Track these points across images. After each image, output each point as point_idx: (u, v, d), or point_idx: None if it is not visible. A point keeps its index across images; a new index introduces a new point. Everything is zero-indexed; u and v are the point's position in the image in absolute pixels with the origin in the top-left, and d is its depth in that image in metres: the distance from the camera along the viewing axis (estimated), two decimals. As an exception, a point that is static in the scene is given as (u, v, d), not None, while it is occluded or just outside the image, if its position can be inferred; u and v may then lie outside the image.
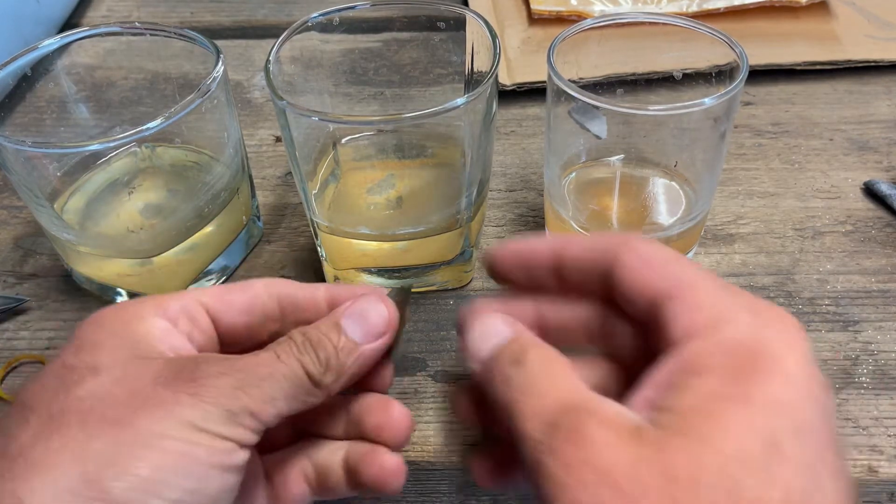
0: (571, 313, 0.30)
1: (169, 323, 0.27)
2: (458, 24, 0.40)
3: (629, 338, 0.28)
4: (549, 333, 0.30)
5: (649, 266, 0.26)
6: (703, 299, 0.25)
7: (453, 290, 0.42)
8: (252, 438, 0.25)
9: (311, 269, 0.44)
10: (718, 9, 0.59)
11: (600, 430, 0.22)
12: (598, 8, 0.59)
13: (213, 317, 0.29)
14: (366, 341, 0.27)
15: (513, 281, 0.31)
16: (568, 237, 0.29)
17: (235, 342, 0.30)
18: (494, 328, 0.28)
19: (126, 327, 0.26)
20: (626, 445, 0.21)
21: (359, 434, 0.30)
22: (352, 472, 0.29)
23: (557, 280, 0.29)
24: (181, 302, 0.28)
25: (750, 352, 0.22)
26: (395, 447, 0.29)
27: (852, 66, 0.55)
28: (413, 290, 0.42)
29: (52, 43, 0.41)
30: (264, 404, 0.24)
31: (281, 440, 0.31)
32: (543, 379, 0.25)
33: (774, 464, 0.20)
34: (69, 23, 0.65)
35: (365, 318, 0.27)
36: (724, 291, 0.25)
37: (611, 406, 0.23)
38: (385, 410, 0.29)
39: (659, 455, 0.21)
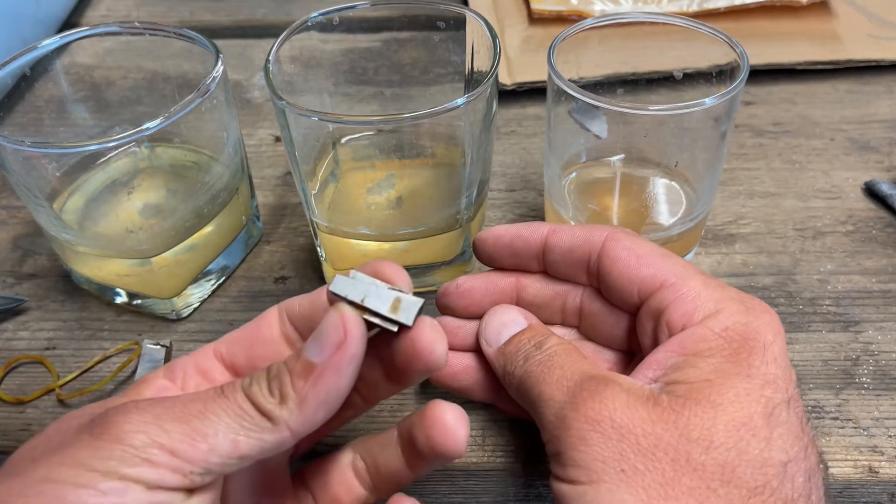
0: (551, 293, 0.32)
1: (170, 382, 0.26)
2: (458, 24, 0.40)
3: (606, 321, 0.31)
4: (527, 309, 0.32)
5: (638, 258, 0.28)
6: (695, 290, 0.27)
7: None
8: (176, 480, 0.22)
9: (310, 269, 0.44)
10: (719, 8, 0.58)
11: (620, 393, 0.24)
12: (598, 7, 0.59)
13: (230, 361, 0.28)
14: (324, 357, 0.23)
15: (499, 263, 0.33)
16: (555, 226, 0.31)
17: None
18: (511, 318, 0.31)
19: (137, 390, 0.26)
20: (644, 408, 0.24)
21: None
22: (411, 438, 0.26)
23: (542, 265, 0.32)
24: (194, 359, 0.27)
25: (743, 337, 0.25)
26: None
27: (853, 65, 0.55)
28: (419, 290, 0.41)
29: (52, 43, 0.41)
30: (191, 442, 0.22)
31: None
32: (564, 358, 0.27)
33: (774, 429, 0.23)
34: (68, 22, 0.65)
35: (319, 335, 0.24)
36: (713, 283, 0.27)
37: (626, 378, 0.25)
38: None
39: (675, 417, 0.23)
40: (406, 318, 0.24)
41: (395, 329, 0.25)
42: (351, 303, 0.24)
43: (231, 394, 0.23)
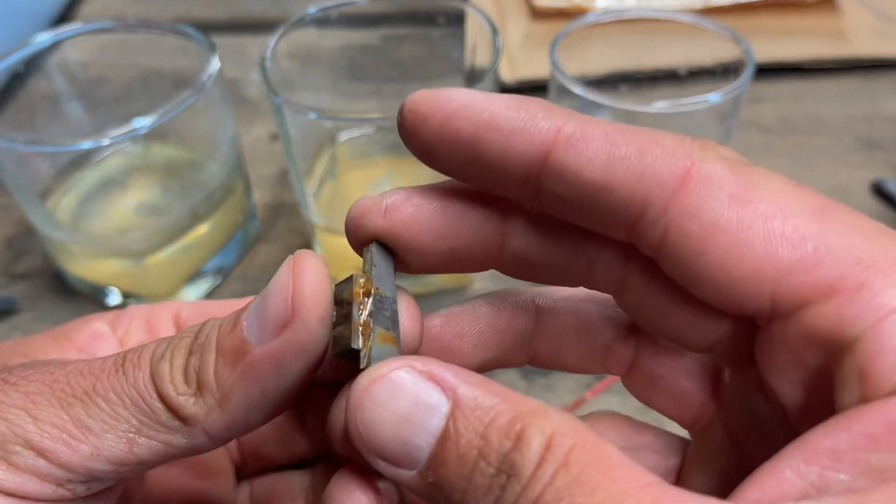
0: (555, 253, 0.18)
1: (109, 329, 0.21)
2: (458, 19, 0.39)
3: (671, 318, 0.17)
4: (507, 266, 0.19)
5: (766, 226, 0.14)
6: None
7: (452, 291, 0.41)
8: (45, 490, 0.16)
9: (308, 269, 0.43)
10: (724, 5, 0.58)
11: None
12: (601, 3, 0.58)
13: (184, 326, 0.22)
14: (262, 340, 0.16)
15: (444, 166, 0.17)
16: (573, 123, 0.15)
17: None
18: (425, 393, 0.14)
19: (66, 329, 0.21)
20: None
21: None
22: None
23: (534, 194, 0.16)
24: (151, 309, 0.22)
25: None
26: None
27: (860, 63, 0.55)
28: (412, 291, 0.41)
29: (45, 39, 0.40)
30: (69, 441, 0.15)
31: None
32: (601, 471, 0.13)
33: None
34: (62, 18, 0.65)
35: (264, 300, 0.16)
36: None
37: None
38: None
39: None
40: (363, 358, 0.15)
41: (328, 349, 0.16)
42: (365, 268, 0.17)
43: (132, 371, 0.16)
